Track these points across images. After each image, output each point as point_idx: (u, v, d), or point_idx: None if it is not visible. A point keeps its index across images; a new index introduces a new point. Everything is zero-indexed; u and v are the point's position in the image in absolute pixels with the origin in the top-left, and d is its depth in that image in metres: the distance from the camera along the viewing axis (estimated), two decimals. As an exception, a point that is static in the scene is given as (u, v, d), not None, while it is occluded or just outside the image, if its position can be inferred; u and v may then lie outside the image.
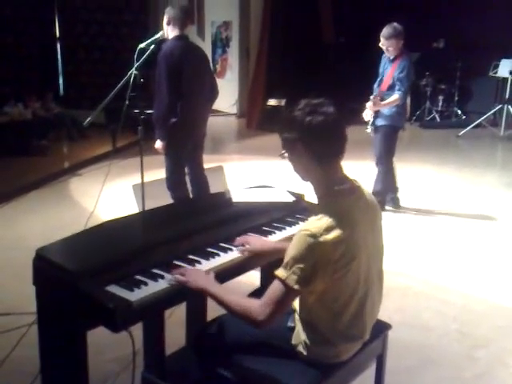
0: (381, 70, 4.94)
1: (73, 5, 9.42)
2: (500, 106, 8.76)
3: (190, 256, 2.00)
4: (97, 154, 6.95)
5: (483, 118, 8.83)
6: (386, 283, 1.95)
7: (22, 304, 3.04)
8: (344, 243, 1.66)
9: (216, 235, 2.17)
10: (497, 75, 8.73)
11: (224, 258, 2.03)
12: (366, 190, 1.85)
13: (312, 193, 1.86)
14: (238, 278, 2.11)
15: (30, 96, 7.77)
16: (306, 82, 9.41)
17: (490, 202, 5.48)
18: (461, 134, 8.75)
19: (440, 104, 9.98)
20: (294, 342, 1.87)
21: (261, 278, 2.66)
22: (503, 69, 8.54)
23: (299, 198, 2.59)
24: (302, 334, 1.83)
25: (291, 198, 2.56)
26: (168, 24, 3.90)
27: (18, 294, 3.24)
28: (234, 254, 2.06)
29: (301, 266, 1.64)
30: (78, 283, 1.70)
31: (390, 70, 4.78)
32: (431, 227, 4.79)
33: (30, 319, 2.69)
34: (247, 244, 2.10)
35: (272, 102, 9.16)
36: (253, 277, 2.57)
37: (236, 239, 2.13)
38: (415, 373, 2.71)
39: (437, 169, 6.77)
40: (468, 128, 8.74)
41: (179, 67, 3.80)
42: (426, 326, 3.16)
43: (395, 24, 4.70)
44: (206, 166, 4.06)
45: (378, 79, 4.94)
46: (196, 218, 2.29)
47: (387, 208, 5.11)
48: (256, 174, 6.20)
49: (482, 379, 2.67)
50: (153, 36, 3.66)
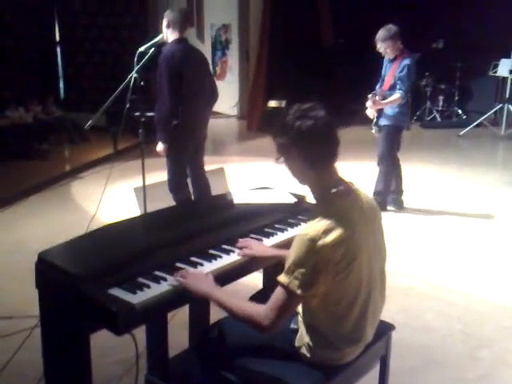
0: (383, 71, 4.95)
1: (72, 9, 9.45)
2: (500, 106, 8.74)
3: (192, 258, 2.00)
4: (98, 157, 6.94)
5: (484, 117, 8.81)
6: (388, 284, 1.95)
7: (23, 308, 3.04)
8: (344, 244, 1.66)
9: (218, 237, 2.18)
10: (497, 75, 8.72)
11: (226, 260, 2.03)
12: (362, 191, 1.85)
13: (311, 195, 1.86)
14: (240, 280, 2.12)
15: (31, 100, 7.78)
16: (306, 84, 9.41)
17: (492, 201, 5.47)
18: (461, 133, 8.74)
19: (440, 104, 9.97)
20: (297, 344, 1.86)
21: (263, 279, 2.65)
22: (503, 68, 8.53)
23: (301, 199, 2.59)
24: (306, 337, 1.83)
25: (293, 200, 2.56)
26: (167, 27, 3.90)
27: (19, 298, 3.24)
28: (236, 256, 2.06)
29: (302, 270, 1.64)
30: (81, 286, 1.70)
31: (390, 70, 4.79)
32: (433, 227, 4.79)
33: (32, 323, 2.70)
34: (248, 247, 2.10)
35: (272, 103, 9.15)
36: (255, 278, 2.57)
37: (238, 241, 2.13)
38: (419, 374, 2.70)
39: (438, 169, 6.76)
40: (469, 128, 8.73)
41: (180, 70, 3.81)
42: (429, 326, 3.15)
43: (389, 25, 4.70)
44: (206, 167, 4.06)
45: (380, 80, 4.95)
46: (197, 220, 2.29)
47: (389, 208, 5.11)
48: (257, 176, 6.19)
49: (485, 380, 2.67)
50: (152, 39, 3.68)
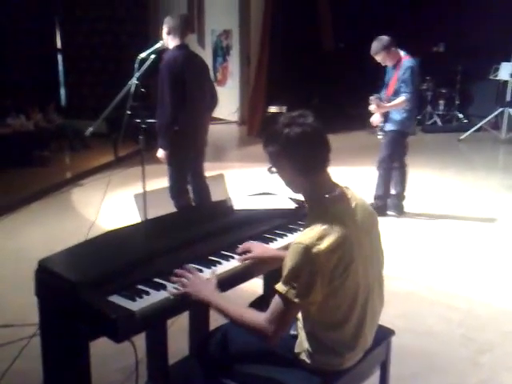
0: (386, 78, 4.94)
1: (73, 16, 9.48)
2: (501, 109, 8.74)
3: (192, 265, 1.99)
4: (99, 164, 6.95)
5: (484, 121, 8.81)
6: (388, 288, 1.94)
7: (23, 315, 3.03)
8: (339, 248, 1.66)
9: (217, 243, 2.17)
10: (497, 78, 8.73)
11: (226, 266, 2.02)
12: (357, 195, 1.85)
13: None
14: (240, 286, 2.11)
15: (32, 107, 7.79)
16: (306, 89, 9.44)
17: (493, 205, 5.46)
18: (462, 137, 8.73)
19: (441, 108, 9.97)
20: (296, 350, 1.86)
21: (264, 285, 2.65)
22: (503, 72, 8.53)
23: (301, 204, 2.58)
24: (305, 343, 1.82)
25: (293, 205, 2.56)
26: (168, 34, 3.91)
27: (19, 306, 3.23)
28: (235, 262, 2.06)
29: (298, 279, 1.64)
30: (80, 294, 1.70)
31: (394, 76, 4.78)
32: (433, 231, 4.78)
33: (32, 331, 2.69)
34: (249, 251, 2.10)
35: (273, 109, 9.15)
36: (255, 284, 2.57)
37: (238, 247, 2.13)
38: (420, 379, 2.69)
39: (439, 173, 6.76)
40: (469, 132, 8.73)
41: (181, 76, 3.81)
42: (431, 331, 3.14)
43: (380, 37, 4.69)
44: (207, 173, 4.06)
45: (384, 86, 4.93)
46: (197, 227, 2.29)
47: (389, 213, 5.11)
48: (257, 182, 6.18)
49: (486, 385, 2.66)
50: (153, 46, 3.69)
